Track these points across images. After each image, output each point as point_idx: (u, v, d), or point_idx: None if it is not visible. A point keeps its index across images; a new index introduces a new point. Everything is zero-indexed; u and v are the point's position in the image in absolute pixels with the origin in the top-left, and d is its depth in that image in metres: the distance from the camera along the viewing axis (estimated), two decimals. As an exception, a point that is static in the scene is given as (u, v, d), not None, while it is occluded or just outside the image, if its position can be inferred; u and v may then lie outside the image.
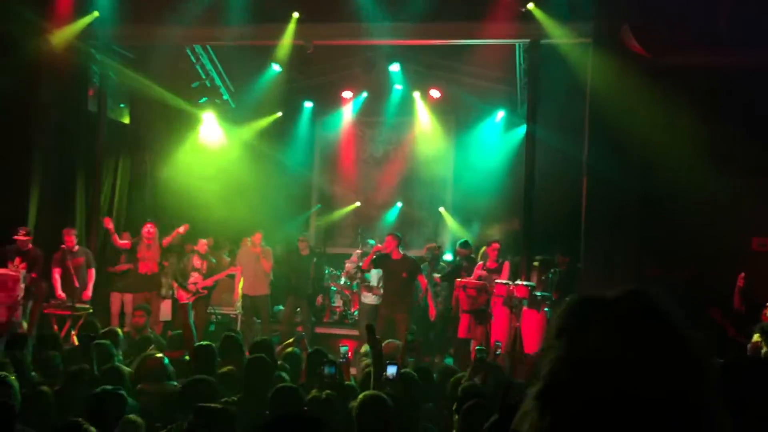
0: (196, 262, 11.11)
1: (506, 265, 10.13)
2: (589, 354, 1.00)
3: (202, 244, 11.27)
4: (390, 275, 10.11)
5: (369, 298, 10.85)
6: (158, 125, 13.04)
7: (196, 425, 3.54)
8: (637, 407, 0.96)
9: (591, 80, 10.16)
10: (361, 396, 4.14)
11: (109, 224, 10.91)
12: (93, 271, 10.51)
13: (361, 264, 11.22)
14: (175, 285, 11.07)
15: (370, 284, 10.89)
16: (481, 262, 10.37)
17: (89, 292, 10.39)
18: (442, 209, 14.47)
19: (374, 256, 10.29)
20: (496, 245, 10.25)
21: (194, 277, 10.97)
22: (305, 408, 4.35)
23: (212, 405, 3.75)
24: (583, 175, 10.33)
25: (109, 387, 4.33)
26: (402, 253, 10.18)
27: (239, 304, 11.71)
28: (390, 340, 7.63)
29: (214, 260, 11.45)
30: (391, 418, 4.06)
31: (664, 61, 9.74)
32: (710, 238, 9.44)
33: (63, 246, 10.23)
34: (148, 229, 10.87)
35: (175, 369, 5.69)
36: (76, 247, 10.39)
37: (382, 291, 10.50)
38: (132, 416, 4.11)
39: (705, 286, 8.95)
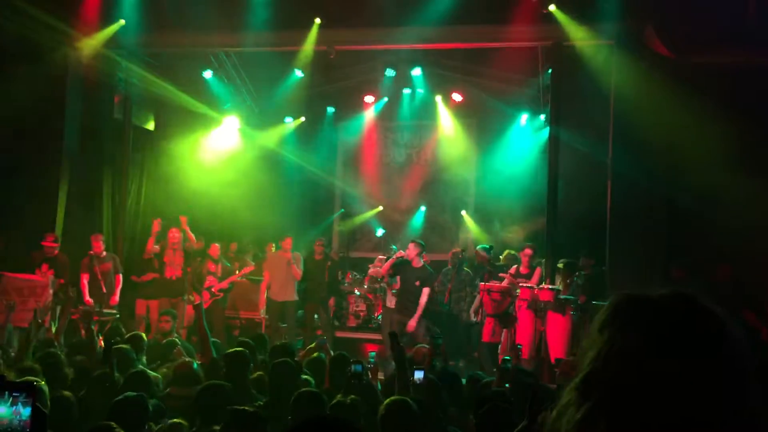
0: (211, 266, 11.22)
1: (537, 270, 10.03)
2: (631, 349, 1.01)
3: (215, 248, 11.42)
4: (405, 281, 10.13)
5: (394, 303, 10.84)
6: (183, 131, 13.15)
7: (229, 428, 3.55)
8: (675, 403, 0.96)
9: (615, 82, 10.09)
10: (386, 401, 4.13)
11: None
12: (120, 276, 10.64)
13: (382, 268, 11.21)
14: (192, 290, 11.16)
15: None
16: (514, 266, 10.30)
17: (117, 297, 10.53)
18: (464, 213, 14.44)
19: (395, 262, 10.29)
20: (529, 251, 10.13)
21: (210, 280, 11.05)
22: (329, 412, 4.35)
23: (245, 408, 3.76)
24: (607, 178, 10.25)
25: (132, 393, 4.36)
26: (422, 262, 10.19)
27: (263, 309, 11.74)
28: (420, 345, 7.63)
29: (228, 264, 11.55)
30: (417, 424, 4.05)
31: (689, 61, 9.64)
32: (740, 240, 9.31)
33: (91, 252, 10.39)
34: (174, 234, 10.98)
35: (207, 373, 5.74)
36: (104, 253, 10.54)
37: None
38: (177, 419, 4.15)
39: (738, 289, 8.83)
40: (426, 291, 9.99)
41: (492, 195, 13.56)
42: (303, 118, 14.68)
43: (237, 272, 11.51)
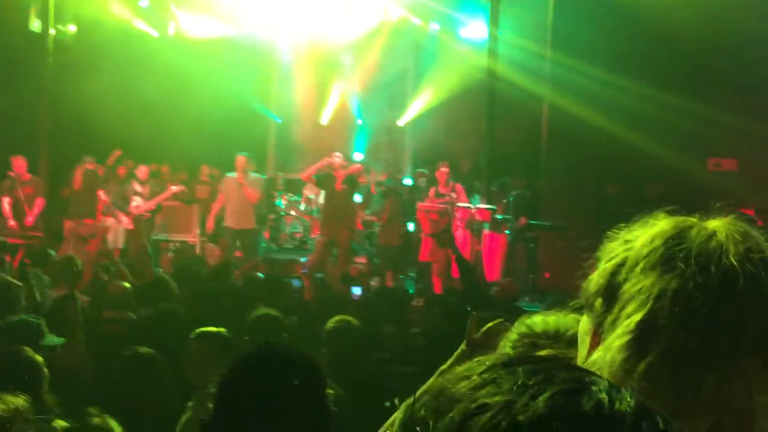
0: (137, 187, 10.82)
1: (459, 187, 9.96)
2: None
3: (143, 170, 10.95)
4: (331, 194, 9.98)
5: None
6: (109, 45, 12.40)
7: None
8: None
9: None
10: (331, 321, 4.10)
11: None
12: (41, 200, 10.21)
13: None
14: (118, 211, 10.81)
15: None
16: (433, 188, 10.25)
17: (31, 219, 10.06)
18: (400, 122, 14.33)
19: (319, 173, 10.07)
20: (445, 169, 10.08)
21: (136, 201, 10.67)
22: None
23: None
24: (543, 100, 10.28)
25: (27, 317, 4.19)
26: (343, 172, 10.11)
27: (199, 231, 11.44)
28: (355, 263, 7.60)
29: (156, 186, 11.14)
30: (359, 342, 4.04)
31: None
32: (667, 159, 9.54)
33: (11, 173, 9.92)
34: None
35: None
36: (27, 176, 10.09)
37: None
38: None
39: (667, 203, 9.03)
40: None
41: (429, 112, 13.51)
42: (235, 31, 14.00)
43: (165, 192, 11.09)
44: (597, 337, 0.99)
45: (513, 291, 6.59)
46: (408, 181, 12.62)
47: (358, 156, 13.62)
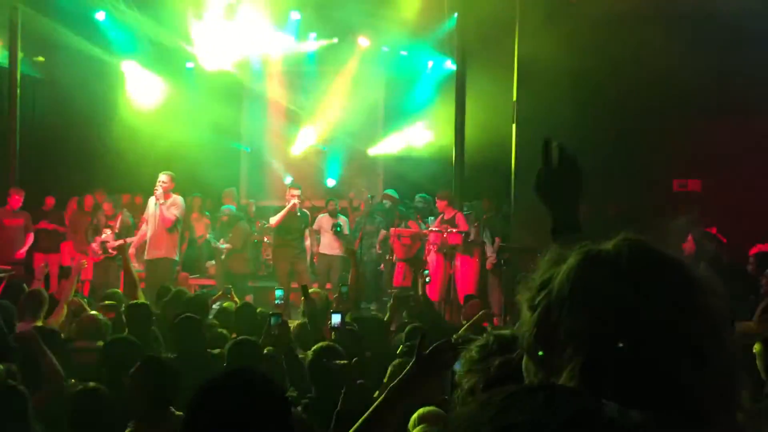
0: (105, 219, 10.62)
1: (459, 215, 9.94)
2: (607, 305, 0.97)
3: (108, 207, 10.76)
4: (290, 228, 10.21)
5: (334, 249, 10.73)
6: (78, 79, 12.33)
7: (141, 377, 3.40)
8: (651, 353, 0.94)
9: (519, 19, 10.19)
10: (315, 347, 4.10)
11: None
12: (31, 235, 10.22)
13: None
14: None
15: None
16: (441, 215, 10.19)
17: (22, 251, 10.08)
18: (372, 151, 14.39)
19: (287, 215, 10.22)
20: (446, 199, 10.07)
21: (106, 235, 10.33)
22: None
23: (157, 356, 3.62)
24: (512, 122, 10.41)
25: None
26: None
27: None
28: (315, 290, 7.56)
29: (131, 218, 10.95)
30: (343, 369, 4.04)
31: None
32: (633, 180, 9.71)
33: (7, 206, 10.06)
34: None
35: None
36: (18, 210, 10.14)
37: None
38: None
39: (627, 221, 9.20)
40: (306, 233, 10.40)
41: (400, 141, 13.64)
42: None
43: (135, 232, 10.84)
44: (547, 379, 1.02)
45: (478, 311, 6.68)
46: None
47: (330, 182, 13.82)
